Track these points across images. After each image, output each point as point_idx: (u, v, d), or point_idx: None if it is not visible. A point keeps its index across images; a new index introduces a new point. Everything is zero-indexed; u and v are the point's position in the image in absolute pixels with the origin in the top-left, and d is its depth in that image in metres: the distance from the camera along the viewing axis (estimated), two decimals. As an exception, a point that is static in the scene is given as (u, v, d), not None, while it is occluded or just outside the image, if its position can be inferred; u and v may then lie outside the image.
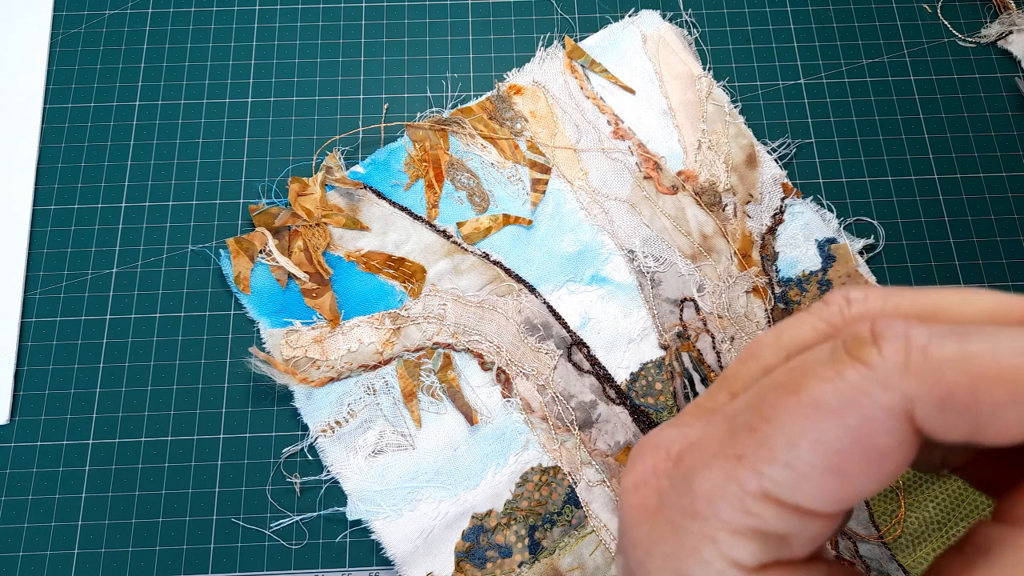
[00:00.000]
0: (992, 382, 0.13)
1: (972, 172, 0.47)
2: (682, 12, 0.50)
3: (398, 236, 0.45)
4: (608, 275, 0.45)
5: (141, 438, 0.42)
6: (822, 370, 0.14)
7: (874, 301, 0.16)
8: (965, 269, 0.45)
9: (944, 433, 0.14)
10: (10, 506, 0.41)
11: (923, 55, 0.50)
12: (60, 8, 0.50)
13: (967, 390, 0.13)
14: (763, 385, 0.15)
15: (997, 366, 0.13)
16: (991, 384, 0.13)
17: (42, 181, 0.47)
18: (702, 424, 0.16)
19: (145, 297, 0.45)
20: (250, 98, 0.49)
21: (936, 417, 0.13)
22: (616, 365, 0.43)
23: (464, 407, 0.42)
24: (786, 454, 0.14)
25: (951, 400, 0.13)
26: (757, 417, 0.15)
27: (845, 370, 0.14)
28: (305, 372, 0.42)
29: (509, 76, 0.49)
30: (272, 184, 0.47)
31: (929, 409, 0.13)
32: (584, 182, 0.46)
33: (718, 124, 0.47)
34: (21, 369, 0.43)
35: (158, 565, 0.40)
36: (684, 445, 0.16)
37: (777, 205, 0.46)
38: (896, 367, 0.14)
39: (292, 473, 0.41)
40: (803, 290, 0.44)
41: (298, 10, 0.51)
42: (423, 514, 0.40)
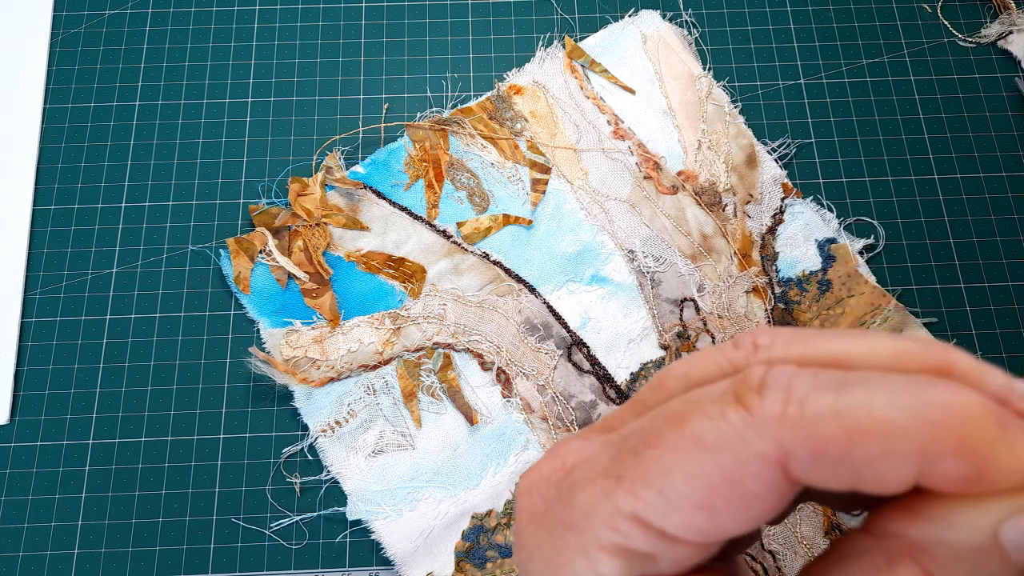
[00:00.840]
0: (865, 436, 0.13)
1: (972, 172, 0.47)
2: (682, 12, 0.50)
3: (398, 236, 0.45)
4: (608, 275, 0.44)
5: (141, 438, 0.42)
6: (709, 407, 0.15)
7: (780, 347, 0.16)
8: (965, 269, 0.45)
9: (823, 482, 0.14)
10: (10, 506, 0.41)
11: (923, 55, 0.50)
12: (60, 8, 0.50)
13: (841, 443, 0.13)
14: (656, 413, 0.16)
15: (871, 420, 0.13)
16: (865, 438, 0.13)
17: (42, 181, 0.47)
18: (601, 441, 0.17)
19: (145, 297, 0.45)
20: (250, 98, 0.49)
21: (811, 468, 0.14)
22: (616, 365, 0.43)
23: (464, 407, 0.42)
24: (660, 481, 0.15)
25: (825, 452, 0.13)
26: (643, 443, 0.15)
27: (728, 412, 0.14)
28: (305, 372, 0.42)
29: (509, 76, 0.49)
30: (272, 184, 0.47)
31: (803, 460, 0.14)
32: (584, 182, 0.46)
33: (718, 124, 0.47)
34: (21, 369, 0.43)
35: (158, 565, 0.40)
36: (578, 459, 0.17)
37: (777, 205, 0.46)
38: (773, 418, 0.14)
39: (292, 473, 0.41)
40: (803, 290, 0.44)
41: (298, 10, 0.51)
42: (423, 514, 0.40)
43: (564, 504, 0.16)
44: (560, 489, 0.17)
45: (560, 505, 0.16)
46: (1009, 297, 0.44)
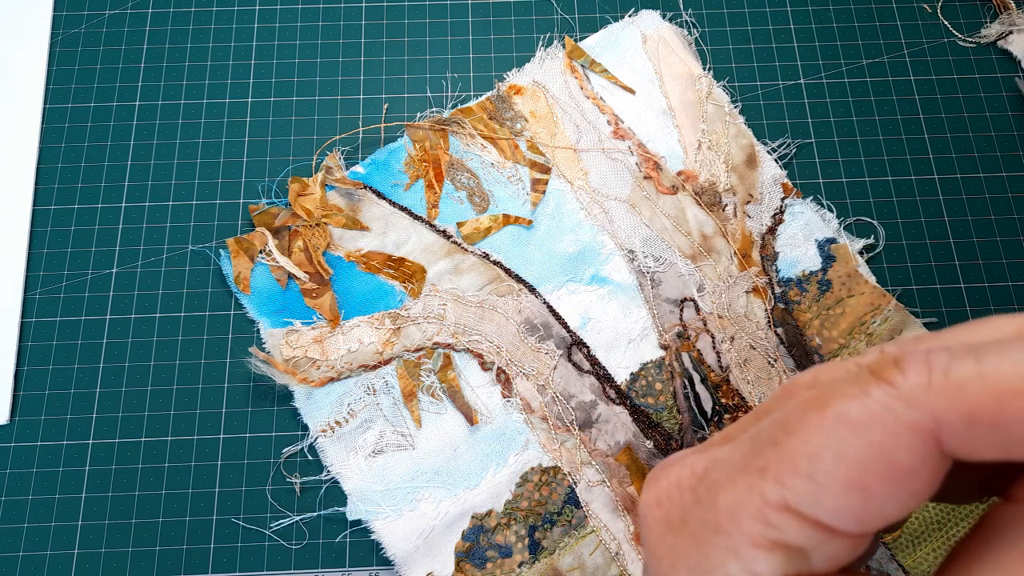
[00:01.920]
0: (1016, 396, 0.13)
1: (972, 172, 0.47)
2: (682, 12, 0.50)
3: (398, 236, 0.45)
4: (608, 275, 0.45)
5: (141, 438, 0.42)
6: (848, 388, 0.14)
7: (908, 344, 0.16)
8: (965, 269, 0.45)
9: (974, 452, 0.14)
10: (10, 506, 0.41)
11: (923, 55, 0.50)
12: (60, 8, 0.50)
13: (992, 406, 0.13)
14: (788, 406, 0.16)
15: (1018, 379, 0.13)
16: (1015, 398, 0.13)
17: (42, 181, 0.47)
18: (729, 446, 0.17)
19: (145, 297, 0.45)
20: (250, 98, 0.49)
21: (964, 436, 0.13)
22: (616, 365, 0.43)
23: (464, 407, 0.42)
24: (808, 466, 0.14)
25: (977, 417, 0.13)
26: (781, 431, 0.15)
27: (870, 388, 0.14)
28: (305, 372, 0.42)
29: (509, 76, 0.49)
30: (272, 184, 0.47)
31: (956, 429, 0.13)
32: (584, 182, 0.46)
33: (718, 124, 0.47)
34: (21, 369, 0.43)
35: (158, 565, 0.40)
36: (709, 462, 0.16)
37: (777, 205, 0.46)
38: (920, 387, 0.14)
39: (292, 473, 0.41)
40: (803, 290, 0.44)
41: (298, 10, 0.51)
42: (423, 514, 0.40)
43: (706, 507, 0.16)
44: (697, 493, 0.16)
45: (701, 509, 0.16)
46: (1009, 297, 0.44)
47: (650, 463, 0.41)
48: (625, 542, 0.40)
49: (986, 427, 0.13)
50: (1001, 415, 0.13)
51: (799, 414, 0.15)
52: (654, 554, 0.17)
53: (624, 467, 0.41)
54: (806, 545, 0.15)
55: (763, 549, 0.15)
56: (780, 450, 0.15)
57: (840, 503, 0.14)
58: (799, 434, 0.15)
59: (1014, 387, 0.13)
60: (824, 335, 0.43)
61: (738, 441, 0.16)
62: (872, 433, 0.14)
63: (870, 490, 0.14)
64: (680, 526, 0.16)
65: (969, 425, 0.13)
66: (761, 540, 0.15)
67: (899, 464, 0.14)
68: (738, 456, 0.16)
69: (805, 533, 0.15)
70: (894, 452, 0.14)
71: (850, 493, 0.14)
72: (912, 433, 0.14)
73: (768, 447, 0.15)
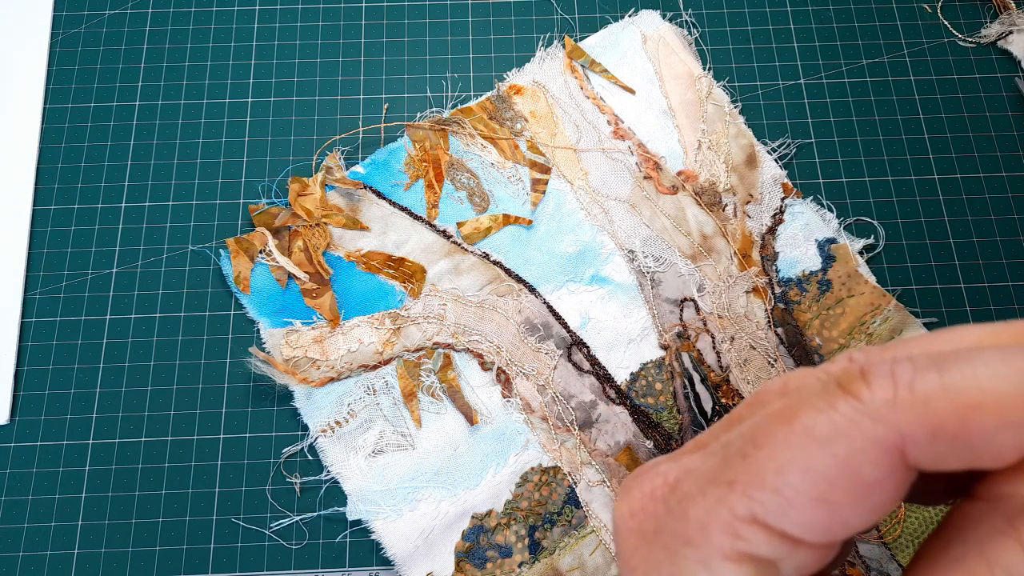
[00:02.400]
0: (978, 409, 0.13)
1: (972, 172, 0.47)
2: (682, 12, 0.50)
3: (398, 236, 0.45)
4: (608, 275, 0.44)
5: (141, 438, 0.42)
6: (815, 401, 0.15)
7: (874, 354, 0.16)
8: (965, 269, 0.45)
9: (939, 463, 0.14)
10: (10, 506, 0.41)
11: (923, 55, 0.50)
12: (60, 8, 0.50)
13: (955, 420, 0.13)
14: (757, 417, 0.16)
15: (980, 393, 0.13)
16: (978, 412, 0.13)
17: (42, 181, 0.47)
18: (699, 455, 0.17)
19: (145, 297, 0.45)
20: (250, 98, 0.49)
21: (929, 449, 0.14)
22: (616, 365, 0.43)
23: (464, 407, 0.42)
24: (775, 480, 0.14)
25: (941, 431, 0.13)
26: (750, 444, 0.15)
27: (837, 402, 0.14)
28: (305, 372, 0.42)
29: (509, 76, 0.49)
30: (272, 184, 0.47)
31: (921, 442, 0.14)
32: (584, 182, 0.46)
33: (718, 124, 0.47)
34: (21, 369, 0.43)
35: (158, 565, 0.40)
36: (680, 472, 0.17)
37: (777, 205, 0.46)
38: (885, 402, 0.14)
39: (292, 473, 0.41)
40: (803, 290, 0.44)
41: (298, 10, 0.51)
42: (423, 514, 0.40)
43: (677, 519, 0.16)
44: (669, 504, 0.16)
45: (672, 520, 0.16)
46: (1009, 297, 0.44)
47: (650, 463, 0.41)
48: (625, 542, 0.40)
49: (949, 440, 0.13)
50: (964, 429, 0.13)
51: (767, 427, 0.15)
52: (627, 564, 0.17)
53: (624, 467, 0.41)
54: (774, 556, 0.15)
55: (732, 561, 0.15)
56: (748, 463, 0.15)
57: (806, 516, 0.14)
58: (767, 447, 0.15)
59: (976, 400, 0.13)
60: (824, 335, 0.43)
61: (709, 450, 0.17)
62: (838, 448, 0.14)
63: (836, 504, 0.14)
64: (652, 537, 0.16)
65: (933, 438, 0.14)
66: (730, 552, 0.15)
67: (864, 478, 0.14)
68: (709, 467, 0.16)
69: (773, 545, 0.15)
70: (860, 467, 0.14)
71: (816, 507, 0.14)
72: (877, 448, 0.14)
73: (737, 459, 0.15)
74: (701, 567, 0.15)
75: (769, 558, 0.15)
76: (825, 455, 0.14)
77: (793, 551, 0.15)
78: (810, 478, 0.14)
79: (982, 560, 0.14)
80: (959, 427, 0.13)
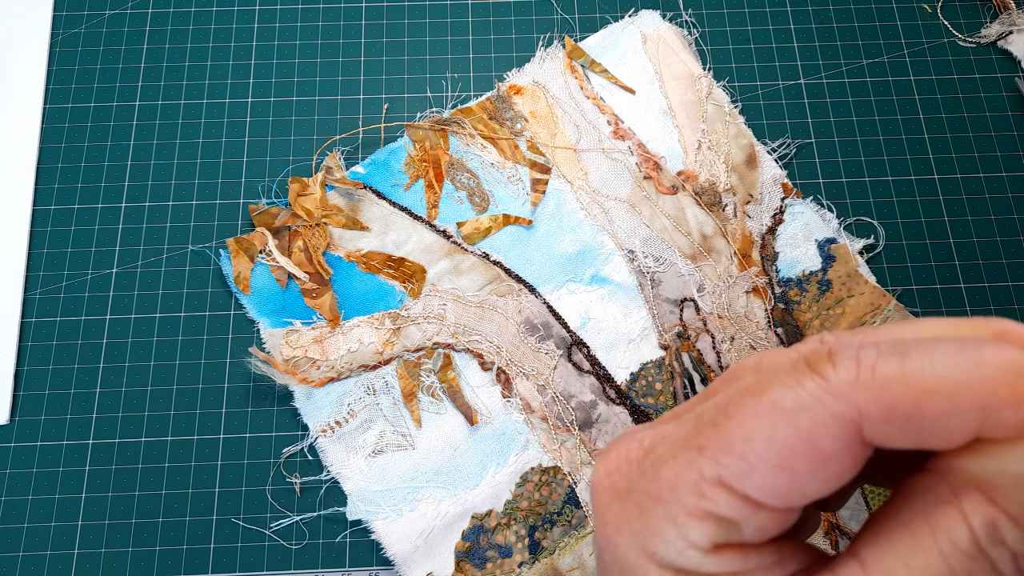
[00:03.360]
0: (931, 395, 0.15)
1: (972, 172, 0.47)
2: (682, 12, 0.50)
3: (398, 236, 0.45)
4: (608, 275, 0.45)
5: (141, 438, 0.42)
6: (784, 377, 0.16)
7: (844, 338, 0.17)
8: (965, 269, 0.45)
9: (893, 442, 0.15)
10: (10, 506, 0.41)
11: (923, 55, 0.50)
12: (60, 8, 0.50)
13: (910, 403, 0.15)
14: (730, 390, 0.17)
15: (935, 380, 0.15)
16: (931, 397, 0.15)
17: (42, 181, 0.47)
18: (675, 423, 0.18)
19: (145, 297, 0.45)
20: (250, 98, 0.49)
21: (884, 428, 0.15)
22: (616, 365, 0.43)
23: (464, 407, 0.42)
24: (742, 447, 0.16)
25: (896, 412, 0.15)
26: (721, 414, 0.16)
27: (804, 379, 0.16)
28: (305, 372, 0.42)
29: (509, 76, 0.49)
30: (272, 184, 0.47)
31: (877, 421, 0.15)
32: (584, 182, 0.46)
33: (718, 124, 0.47)
34: (21, 369, 0.43)
35: (158, 565, 0.40)
36: (655, 437, 0.18)
37: (777, 205, 0.46)
38: (848, 382, 0.15)
39: (292, 473, 0.41)
40: (803, 290, 0.44)
41: (298, 10, 0.51)
42: (423, 514, 0.40)
43: (649, 479, 0.17)
44: (643, 466, 0.18)
45: (645, 480, 0.18)
46: (1009, 297, 0.44)
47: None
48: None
49: (904, 421, 0.15)
50: (917, 411, 0.15)
51: (738, 399, 0.16)
52: (602, 518, 0.18)
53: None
54: (736, 517, 0.16)
55: (697, 518, 0.16)
56: (719, 431, 0.16)
57: (767, 481, 0.16)
58: (736, 417, 0.16)
59: (930, 386, 0.15)
60: (824, 335, 0.43)
61: (684, 419, 0.18)
62: (801, 420, 0.15)
63: (795, 471, 0.15)
64: (626, 494, 0.18)
65: (889, 418, 0.15)
66: (696, 511, 0.16)
67: (823, 449, 0.15)
68: (682, 433, 0.17)
69: (734, 506, 0.16)
70: (819, 439, 0.15)
71: (777, 473, 0.16)
72: (836, 422, 0.15)
73: (709, 427, 0.17)
74: (668, 522, 0.17)
75: (731, 518, 0.16)
76: (788, 426, 0.15)
77: (754, 513, 0.16)
78: (773, 446, 0.15)
79: (926, 524, 0.15)
80: (913, 410, 0.15)
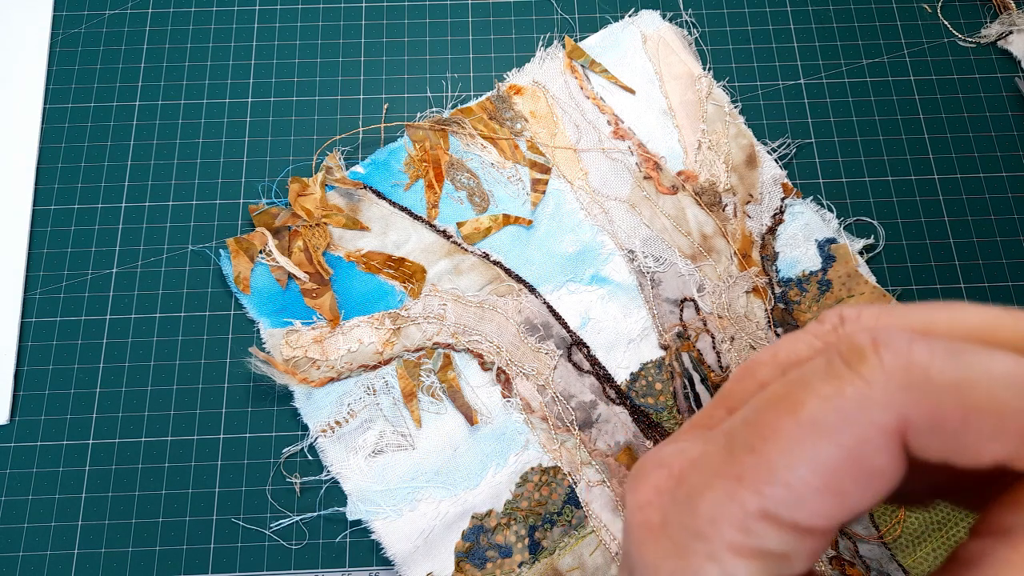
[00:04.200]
0: (983, 414, 0.13)
1: (972, 172, 0.47)
2: (682, 12, 0.50)
3: (398, 236, 0.45)
4: (608, 275, 0.44)
5: (141, 438, 0.42)
6: (820, 387, 0.14)
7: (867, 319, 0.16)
8: (965, 269, 0.45)
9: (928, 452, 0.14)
10: (10, 506, 0.41)
11: (923, 55, 0.50)
12: (60, 8, 0.50)
13: (959, 417, 0.14)
14: (760, 400, 0.16)
15: (990, 399, 0.14)
16: (982, 416, 0.14)
17: (42, 181, 0.47)
18: (701, 442, 0.17)
19: (145, 297, 0.45)
20: (250, 98, 0.49)
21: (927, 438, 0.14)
22: (616, 365, 0.43)
23: (464, 407, 0.42)
24: (785, 475, 0.14)
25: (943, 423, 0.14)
26: (756, 437, 0.15)
27: (844, 388, 0.14)
28: (305, 372, 0.42)
29: (509, 76, 0.49)
30: (272, 184, 0.47)
31: (922, 429, 0.14)
32: (584, 182, 0.46)
33: (718, 124, 0.47)
34: (21, 369, 0.43)
35: (158, 565, 0.40)
36: (685, 463, 0.16)
37: (777, 205, 0.46)
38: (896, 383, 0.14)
39: (292, 473, 0.41)
40: (803, 290, 0.44)
41: (298, 10, 0.51)
42: (423, 514, 0.40)
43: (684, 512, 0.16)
44: (675, 498, 0.16)
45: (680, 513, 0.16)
46: (1009, 297, 0.44)
47: (650, 463, 0.41)
48: (625, 542, 0.40)
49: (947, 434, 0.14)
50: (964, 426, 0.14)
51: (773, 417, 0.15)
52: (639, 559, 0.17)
53: (624, 467, 0.41)
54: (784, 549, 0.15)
55: (743, 556, 0.15)
56: (757, 458, 0.15)
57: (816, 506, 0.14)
58: (774, 441, 0.15)
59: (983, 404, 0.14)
60: (824, 335, 0.43)
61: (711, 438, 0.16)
62: (845, 437, 0.14)
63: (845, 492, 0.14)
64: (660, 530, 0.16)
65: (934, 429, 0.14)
66: (741, 548, 0.15)
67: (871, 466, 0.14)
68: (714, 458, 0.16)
69: (783, 537, 0.15)
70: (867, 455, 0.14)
71: (825, 497, 0.14)
72: (883, 435, 0.14)
73: (744, 453, 0.15)
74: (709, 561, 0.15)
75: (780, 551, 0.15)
76: (832, 446, 0.14)
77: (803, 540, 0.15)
78: (820, 471, 0.14)
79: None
80: (960, 425, 0.14)
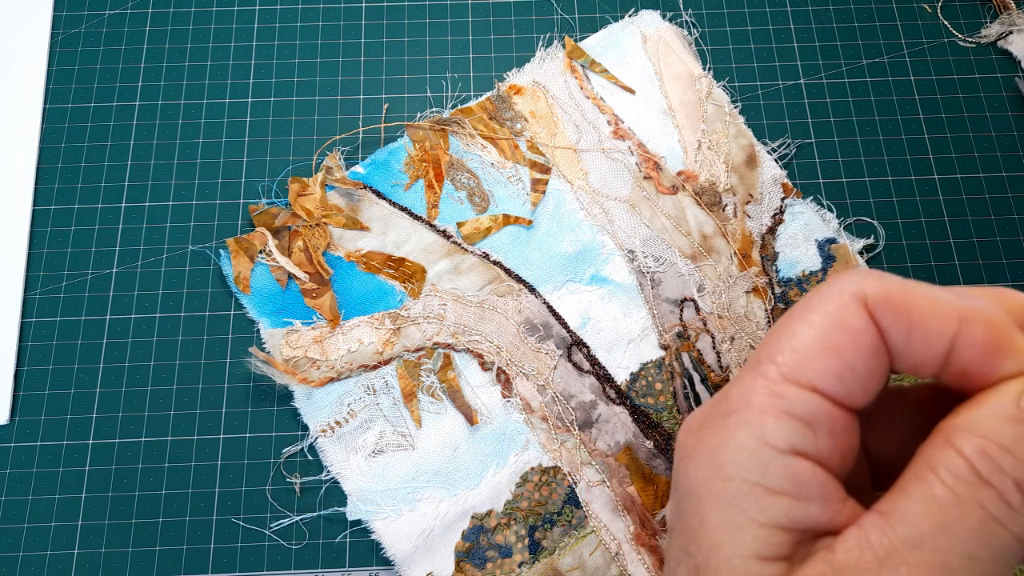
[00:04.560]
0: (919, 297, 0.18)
1: (972, 172, 0.47)
2: (682, 12, 0.50)
3: (398, 236, 0.45)
4: (608, 275, 0.44)
5: (141, 438, 0.42)
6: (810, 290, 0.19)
7: None
8: (965, 269, 0.45)
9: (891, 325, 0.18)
10: (10, 506, 0.41)
11: (923, 55, 0.50)
12: (60, 8, 0.50)
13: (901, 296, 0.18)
14: None
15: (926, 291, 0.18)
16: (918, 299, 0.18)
17: (42, 181, 0.47)
18: None
19: (145, 297, 0.45)
20: (250, 98, 0.49)
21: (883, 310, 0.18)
22: (616, 365, 0.43)
23: (464, 407, 0.42)
24: (790, 342, 0.18)
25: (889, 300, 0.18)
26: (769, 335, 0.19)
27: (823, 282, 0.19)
28: (305, 372, 0.42)
29: (509, 76, 0.49)
30: (272, 184, 0.47)
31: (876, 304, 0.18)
32: (584, 182, 0.46)
33: (718, 124, 0.47)
34: (21, 369, 0.43)
35: (158, 565, 0.40)
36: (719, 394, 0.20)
37: (777, 205, 0.46)
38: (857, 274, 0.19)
39: (292, 473, 0.41)
40: (803, 290, 0.44)
41: (298, 10, 0.51)
42: (423, 514, 0.40)
43: (718, 403, 0.19)
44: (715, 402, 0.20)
45: (715, 407, 0.19)
46: (1009, 297, 0.44)
47: (650, 463, 0.41)
48: (625, 542, 0.40)
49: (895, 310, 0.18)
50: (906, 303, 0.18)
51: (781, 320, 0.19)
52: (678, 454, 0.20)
53: (624, 467, 0.41)
54: (808, 414, 0.18)
55: (772, 416, 0.18)
56: (769, 341, 0.19)
57: (822, 365, 0.18)
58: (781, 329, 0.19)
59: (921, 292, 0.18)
60: (824, 335, 0.43)
61: None
62: (828, 306, 0.18)
63: (841, 350, 0.18)
64: (700, 426, 0.20)
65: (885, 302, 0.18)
66: (769, 408, 0.18)
67: (851, 325, 0.18)
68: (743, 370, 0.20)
69: (804, 400, 0.18)
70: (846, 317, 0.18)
71: (828, 355, 0.18)
72: (854, 301, 0.18)
73: (762, 348, 0.19)
74: (741, 428, 0.18)
75: (804, 416, 0.18)
76: (819, 315, 0.18)
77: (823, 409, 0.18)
78: (814, 333, 0.18)
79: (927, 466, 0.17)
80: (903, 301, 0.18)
